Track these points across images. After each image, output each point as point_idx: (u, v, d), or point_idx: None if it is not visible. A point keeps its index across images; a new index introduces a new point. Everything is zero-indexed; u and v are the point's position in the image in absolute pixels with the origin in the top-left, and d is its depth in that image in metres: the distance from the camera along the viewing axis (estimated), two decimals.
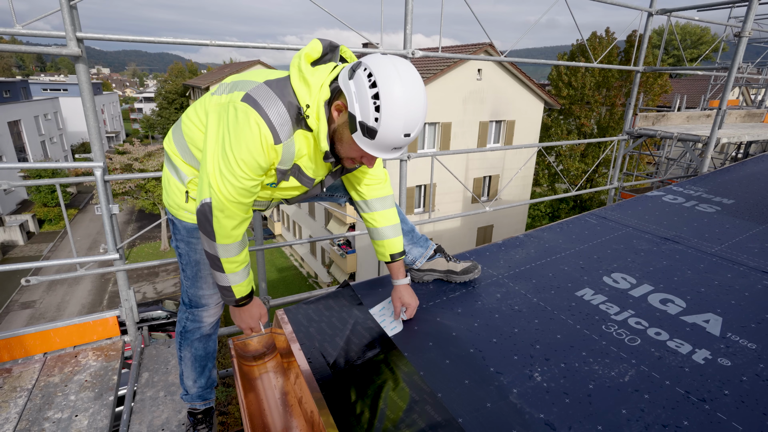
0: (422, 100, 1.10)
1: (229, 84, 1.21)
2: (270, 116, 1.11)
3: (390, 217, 1.57)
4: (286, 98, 1.14)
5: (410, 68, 1.10)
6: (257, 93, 1.13)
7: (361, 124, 1.10)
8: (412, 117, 1.09)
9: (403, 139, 1.10)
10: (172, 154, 1.33)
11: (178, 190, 1.33)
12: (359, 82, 1.07)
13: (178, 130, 1.33)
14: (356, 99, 1.08)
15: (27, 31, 1.58)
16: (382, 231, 1.56)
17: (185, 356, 1.56)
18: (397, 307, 1.60)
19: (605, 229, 2.45)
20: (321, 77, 1.17)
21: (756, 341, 1.45)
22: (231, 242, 1.22)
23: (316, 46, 1.18)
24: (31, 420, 1.76)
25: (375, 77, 1.05)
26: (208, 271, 1.43)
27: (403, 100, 1.06)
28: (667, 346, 1.45)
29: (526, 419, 1.19)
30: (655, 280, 1.87)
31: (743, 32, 3.26)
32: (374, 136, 1.09)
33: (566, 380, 1.32)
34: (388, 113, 1.06)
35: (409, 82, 1.07)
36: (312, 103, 1.15)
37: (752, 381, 1.29)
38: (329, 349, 1.56)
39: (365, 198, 1.53)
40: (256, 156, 1.13)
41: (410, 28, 2.55)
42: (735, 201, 2.74)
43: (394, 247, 1.59)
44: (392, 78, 1.05)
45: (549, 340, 1.51)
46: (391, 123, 1.07)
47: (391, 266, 1.62)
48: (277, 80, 1.17)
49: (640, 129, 4.28)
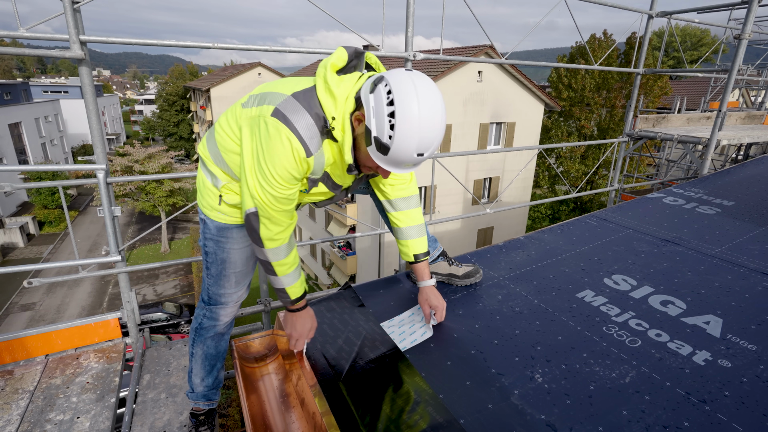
0: (438, 123, 1.09)
1: (258, 96, 1.22)
2: (299, 130, 1.14)
3: (414, 217, 1.57)
4: (313, 110, 1.16)
5: (431, 89, 1.09)
6: (285, 107, 1.15)
7: (375, 139, 1.11)
8: (426, 138, 1.08)
9: (415, 158, 1.11)
10: (207, 160, 1.37)
11: (212, 193, 1.37)
12: (378, 97, 1.08)
13: (211, 138, 1.35)
14: (373, 114, 1.10)
15: (31, 34, 1.60)
16: (405, 231, 1.56)
17: (197, 353, 1.58)
18: (426, 310, 1.57)
19: (606, 230, 2.45)
20: (347, 88, 1.17)
21: (756, 343, 1.46)
22: (278, 245, 1.29)
23: (341, 55, 1.18)
24: (32, 422, 1.76)
25: (393, 95, 1.06)
26: (232, 270, 1.48)
27: (418, 122, 1.06)
28: (667, 347, 1.46)
29: (528, 420, 1.19)
30: (655, 282, 1.87)
31: (743, 34, 3.27)
32: (387, 152, 1.11)
33: (567, 381, 1.33)
34: (402, 133, 1.06)
35: (426, 104, 1.06)
36: (337, 115, 1.16)
37: (752, 382, 1.29)
38: (331, 350, 1.56)
39: (389, 197, 1.53)
40: (290, 169, 1.17)
41: (412, 30, 2.56)
42: (735, 203, 2.75)
43: (418, 248, 1.58)
44: (410, 98, 1.05)
45: (550, 341, 1.51)
46: (404, 142, 1.08)
47: (416, 267, 1.60)
48: (303, 91, 1.18)
49: (641, 131, 4.29)
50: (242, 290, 1.56)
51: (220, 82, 26.26)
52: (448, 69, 13.79)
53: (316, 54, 2.38)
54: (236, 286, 1.52)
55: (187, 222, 23.76)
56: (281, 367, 1.80)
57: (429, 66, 14.70)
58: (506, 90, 15.58)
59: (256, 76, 27.05)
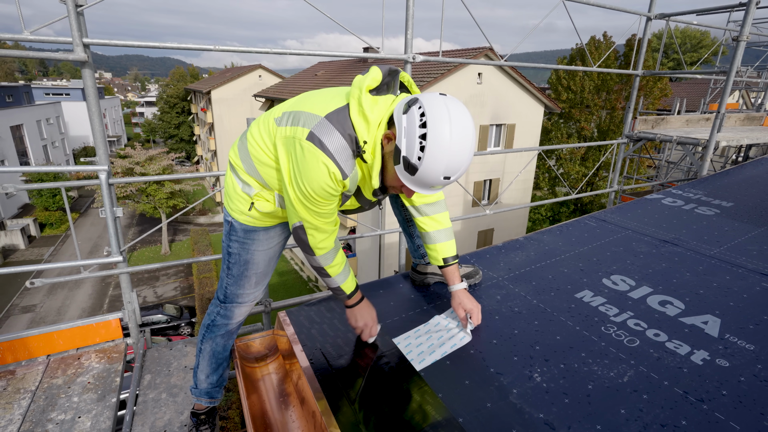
0: (468, 149, 1.11)
1: (292, 115, 1.23)
2: (335, 155, 1.16)
3: (441, 221, 1.58)
4: (347, 132, 1.18)
5: (464, 116, 1.11)
6: (320, 131, 1.16)
7: (404, 159, 1.13)
8: (455, 162, 1.10)
9: (442, 181, 1.13)
10: (238, 168, 1.39)
11: (243, 199, 1.39)
12: (411, 118, 1.10)
13: (243, 147, 1.37)
14: (405, 134, 1.12)
15: (35, 37, 1.62)
16: (433, 235, 1.57)
17: (205, 349, 1.60)
18: (461, 314, 1.56)
19: (605, 231, 2.46)
20: (380, 113, 1.19)
21: (754, 342, 1.47)
22: (326, 252, 1.38)
23: (376, 76, 1.19)
24: (34, 421, 1.77)
25: (426, 118, 1.08)
26: (254, 272, 1.52)
27: (448, 146, 1.07)
28: (665, 347, 1.47)
29: (526, 419, 1.20)
30: (654, 282, 1.88)
31: (741, 36, 3.29)
32: (414, 173, 1.13)
33: (565, 381, 1.34)
34: (432, 155, 1.08)
35: (458, 130, 1.08)
36: (369, 140, 1.18)
37: (750, 381, 1.30)
38: (331, 350, 1.57)
39: (415, 204, 1.55)
40: (328, 189, 1.21)
41: (411, 33, 2.58)
42: (734, 204, 2.75)
43: (447, 251, 1.58)
44: (443, 122, 1.07)
45: (548, 341, 1.52)
46: (433, 165, 1.09)
47: (445, 271, 1.60)
48: (337, 111, 1.19)
49: (640, 132, 4.30)
50: (259, 291, 1.59)
51: (220, 84, 26.32)
52: (448, 71, 13.82)
53: (315, 56, 2.40)
54: (255, 286, 1.56)
55: (188, 224, 23.78)
56: (281, 366, 1.80)
57: (428, 68, 14.75)
58: (506, 92, 15.62)
59: (256, 78, 27.12)
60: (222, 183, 1.70)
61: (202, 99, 29.03)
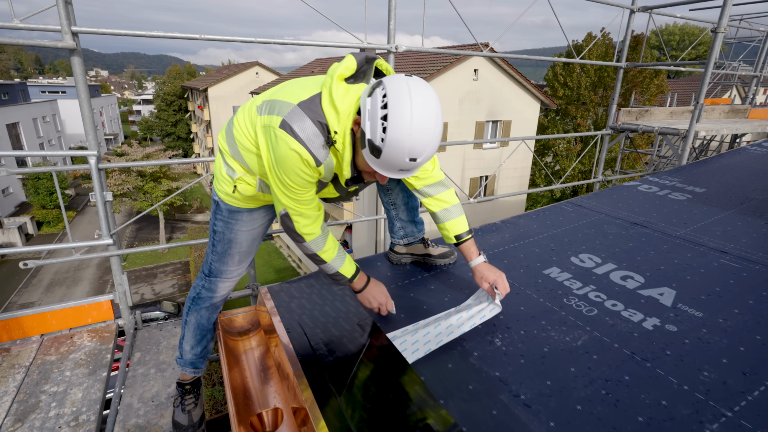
0: (431, 129, 1.09)
1: (269, 103, 1.27)
2: (306, 142, 1.19)
3: (446, 200, 1.60)
4: (318, 119, 1.20)
5: (426, 95, 1.09)
6: (292, 118, 1.18)
7: (369, 142, 1.13)
8: (419, 143, 1.09)
9: (408, 162, 1.12)
10: (224, 152, 1.46)
11: (227, 181, 1.46)
12: (374, 101, 1.10)
13: (230, 132, 1.43)
14: (368, 117, 1.11)
15: (24, 25, 1.69)
16: (440, 215, 1.61)
17: (190, 321, 1.68)
18: (485, 287, 1.57)
19: (579, 215, 2.55)
20: (350, 102, 1.19)
21: (703, 310, 1.56)
22: (315, 237, 1.42)
23: (350, 64, 1.19)
24: (28, 393, 1.86)
25: (388, 99, 1.07)
26: (237, 250, 1.58)
27: (409, 126, 1.06)
28: (621, 315, 1.56)
29: (483, 377, 1.30)
30: (618, 260, 1.98)
31: (719, 28, 3.38)
32: (379, 155, 1.12)
33: (524, 345, 1.43)
34: (394, 136, 1.07)
35: (419, 110, 1.06)
36: (339, 130, 1.20)
37: (694, 343, 1.39)
38: (308, 321, 1.66)
39: (416, 187, 1.60)
40: (303, 176, 1.25)
41: (393, 24, 2.66)
42: (706, 190, 2.85)
43: (457, 228, 1.60)
44: (403, 102, 1.06)
45: (512, 311, 1.61)
46: (396, 146, 1.08)
47: (461, 249, 1.61)
48: (309, 100, 1.22)
49: (623, 123, 4.40)
50: (243, 268, 1.66)
51: (217, 81, 26.33)
52: (444, 67, 13.89)
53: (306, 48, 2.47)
54: (238, 264, 1.62)
55: (185, 222, 23.83)
56: (263, 341, 1.89)
57: (425, 64, 14.80)
58: (502, 88, 15.69)
59: (253, 75, 27.12)
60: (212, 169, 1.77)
61: (199, 96, 29.01)
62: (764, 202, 2.59)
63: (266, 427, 1.50)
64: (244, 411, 1.55)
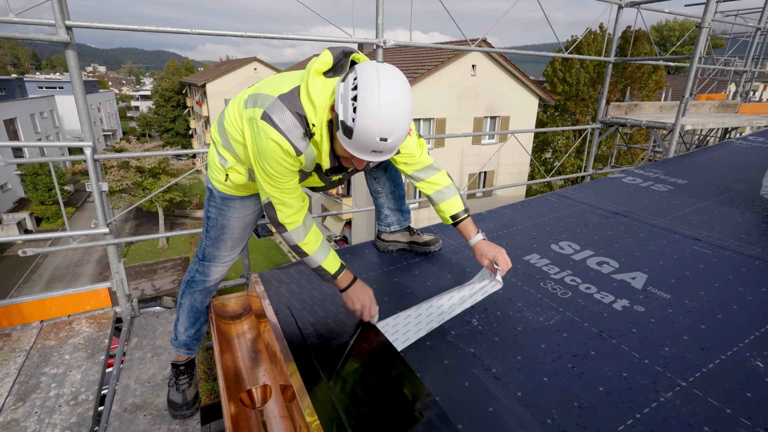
0: (398, 108, 1.14)
1: (253, 97, 1.35)
2: (286, 133, 1.26)
3: (437, 182, 1.65)
4: (297, 111, 1.27)
5: (393, 78, 1.15)
6: (272, 110, 1.25)
7: (342, 123, 1.20)
8: (388, 122, 1.14)
9: (379, 142, 1.17)
10: (217, 142, 1.53)
11: (220, 170, 1.54)
12: (346, 84, 1.18)
13: (221, 124, 1.50)
14: (341, 99, 1.17)
15: (20, 19, 1.75)
16: (433, 197, 1.68)
17: (184, 303, 1.76)
18: (485, 263, 1.60)
19: (563, 206, 2.63)
20: (326, 95, 1.25)
21: (671, 293, 1.64)
22: (296, 226, 1.44)
23: (326, 59, 1.26)
24: (29, 374, 1.94)
25: (357, 81, 1.13)
26: (229, 236, 1.65)
27: (378, 105, 1.12)
28: (593, 297, 1.64)
29: (458, 353, 1.38)
30: (596, 247, 2.05)
31: (703, 23, 3.44)
32: (351, 135, 1.17)
33: (499, 324, 1.51)
34: (363, 115, 1.13)
35: (387, 90, 1.12)
36: (317, 122, 1.28)
37: (658, 322, 1.47)
38: (296, 304, 1.74)
39: (407, 173, 1.67)
40: (285, 164, 1.31)
41: (381, 18, 2.72)
42: (688, 181, 2.92)
43: (452, 208, 1.65)
44: (372, 83, 1.12)
45: (491, 294, 1.69)
46: (366, 125, 1.13)
47: (459, 228, 1.66)
48: (290, 93, 1.29)
49: (613, 118, 4.46)
50: (235, 253, 1.73)
51: (215, 77, 26.28)
52: (441, 63, 13.90)
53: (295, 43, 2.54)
54: (231, 249, 1.69)
55: (185, 218, 23.89)
56: (254, 325, 1.97)
57: (423, 59, 14.82)
58: (500, 84, 15.71)
59: (251, 71, 27.08)
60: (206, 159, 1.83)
61: (197, 92, 28.97)
62: (742, 192, 2.66)
63: (256, 403, 1.58)
64: (235, 389, 1.63)
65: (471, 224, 1.65)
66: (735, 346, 1.34)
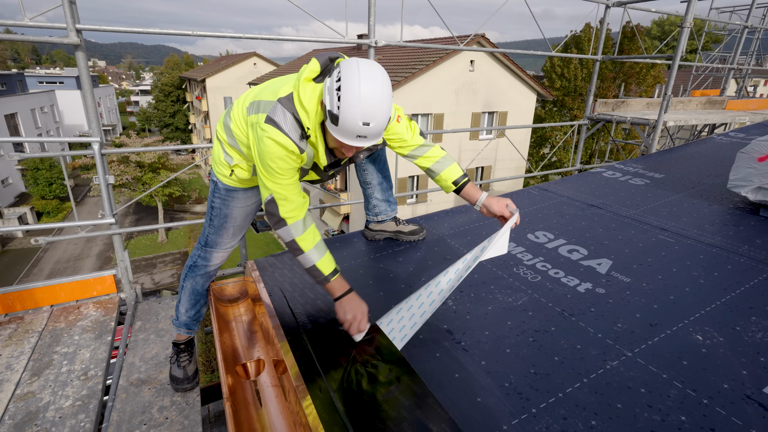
0: (377, 95, 1.27)
1: (255, 104, 1.49)
2: (289, 133, 1.42)
3: (433, 155, 1.76)
4: (294, 114, 1.42)
5: (372, 69, 1.29)
6: (275, 113, 1.39)
7: (329, 112, 1.35)
8: (369, 108, 1.27)
9: (362, 127, 1.29)
10: (223, 140, 1.67)
11: (225, 166, 1.68)
12: (332, 78, 1.34)
13: (228, 126, 1.64)
14: (327, 92, 1.35)
15: (34, 23, 1.89)
16: (432, 168, 1.80)
17: (186, 286, 1.90)
18: (502, 208, 1.65)
19: (543, 198, 2.77)
20: (316, 100, 1.39)
21: (631, 277, 1.79)
22: (296, 221, 1.51)
23: (314, 67, 1.40)
24: (42, 353, 2.10)
25: (341, 74, 1.28)
26: (232, 224, 1.80)
27: (358, 92, 1.25)
28: (560, 281, 1.79)
29: (432, 329, 1.53)
30: (569, 236, 2.20)
31: (684, 23, 3.56)
32: (338, 122, 1.30)
33: (472, 304, 1.66)
34: (346, 102, 1.26)
35: (366, 79, 1.26)
36: (311, 125, 1.44)
37: (616, 302, 1.62)
38: (288, 287, 1.89)
39: (404, 154, 1.80)
40: (288, 161, 1.45)
41: (373, 19, 2.85)
42: (664, 176, 3.07)
43: (452, 175, 1.75)
44: (353, 75, 1.30)
45: (467, 278, 1.84)
46: (349, 111, 1.26)
47: (463, 194, 1.74)
48: (287, 98, 1.44)
49: (599, 114, 4.59)
50: (235, 241, 1.88)
51: (215, 72, 26.31)
52: (440, 58, 13.98)
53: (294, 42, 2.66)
54: (232, 237, 1.84)
55: (184, 212, 24.03)
56: (250, 308, 2.13)
57: (421, 55, 14.88)
58: (498, 80, 15.79)
59: (251, 66, 27.10)
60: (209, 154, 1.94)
61: (197, 87, 29.00)
62: (713, 186, 2.81)
63: (250, 375, 1.74)
64: (232, 364, 1.79)
65: (473, 187, 1.74)
66: (681, 323, 1.49)
